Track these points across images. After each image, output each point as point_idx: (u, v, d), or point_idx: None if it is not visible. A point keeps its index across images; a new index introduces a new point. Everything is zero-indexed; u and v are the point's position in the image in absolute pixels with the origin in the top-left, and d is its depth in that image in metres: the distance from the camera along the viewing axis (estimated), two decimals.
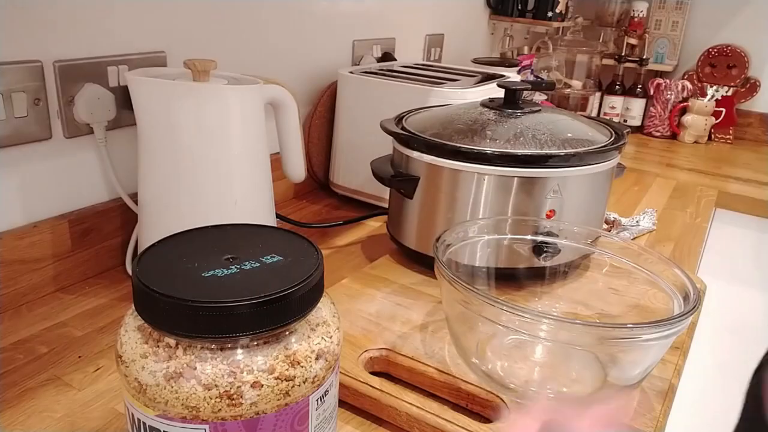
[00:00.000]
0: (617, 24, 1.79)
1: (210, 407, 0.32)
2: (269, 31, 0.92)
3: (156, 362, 0.33)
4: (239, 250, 0.37)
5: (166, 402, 0.32)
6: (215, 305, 0.32)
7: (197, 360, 0.32)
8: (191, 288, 0.33)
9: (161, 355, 0.33)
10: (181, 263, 0.36)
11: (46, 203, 0.68)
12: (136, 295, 0.34)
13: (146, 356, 0.33)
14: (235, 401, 0.32)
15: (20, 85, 0.62)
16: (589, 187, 0.71)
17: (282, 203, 1.00)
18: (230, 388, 0.32)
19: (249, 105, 0.65)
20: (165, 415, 0.33)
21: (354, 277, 0.72)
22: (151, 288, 0.32)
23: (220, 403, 0.32)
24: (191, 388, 0.32)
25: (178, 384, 0.32)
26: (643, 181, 1.25)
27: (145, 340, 0.34)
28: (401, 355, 0.56)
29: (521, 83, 0.78)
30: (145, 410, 0.34)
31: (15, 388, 0.54)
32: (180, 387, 0.32)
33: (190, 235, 0.40)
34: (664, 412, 0.52)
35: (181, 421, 0.33)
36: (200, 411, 0.32)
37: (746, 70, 1.67)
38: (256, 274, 0.35)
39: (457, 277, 0.49)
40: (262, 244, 0.39)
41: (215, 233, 0.40)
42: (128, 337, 0.34)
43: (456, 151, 0.68)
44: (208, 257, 0.36)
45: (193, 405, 0.32)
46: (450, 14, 1.47)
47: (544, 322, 0.46)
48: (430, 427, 0.49)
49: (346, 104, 0.99)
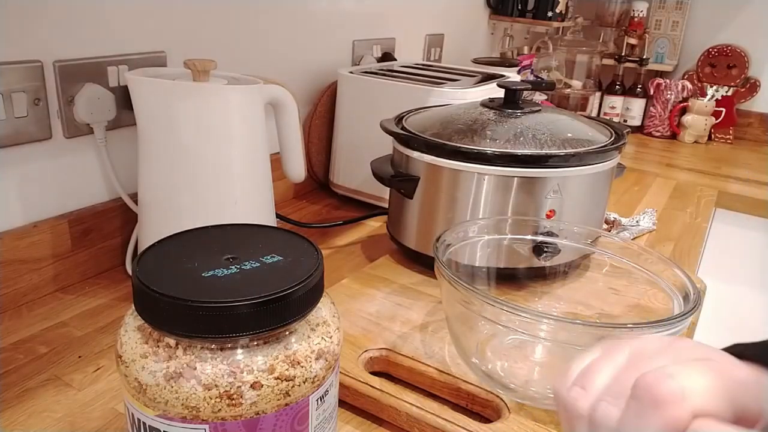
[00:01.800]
0: (617, 24, 1.79)
1: (210, 407, 0.32)
2: (269, 31, 0.92)
3: (156, 362, 0.33)
4: (239, 250, 0.37)
5: (166, 402, 0.32)
6: (215, 305, 0.32)
7: (197, 360, 0.32)
8: (191, 288, 0.33)
9: (161, 355, 0.33)
10: (181, 263, 0.36)
11: (46, 203, 0.68)
12: (136, 295, 0.34)
13: (146, 356, 0.33)
14: (235, 401, 0.32)
15: (20, 85, 0.62)
16: (589, 187, 0.71)
17: (282, 203, 1.00)
18: (230, 388, 0.32)
19: (249, 105, 0.65)
20: (165, 415, 0.33)
21: (354, 277, 0.72)
22: (151, 288, 0.32)
23: (220, 403, 0.32)
24: (191, 388, 0.32)
25: (178, 384, 0.32)
26: (643, 181, 1.25)
27: (145, 340, 0.34)
28: (401, 355, 0.56)
29: (521, 83, 0.78)
30: (145, 410, 0.34)
31: (15, 388, 0.54)
32: (180, 387, 0.32)
33: (190, 235, 0.40)
34: None
35: (181, 421, 0.33)
36: (200, 411, 0.32)
37: (746, 70, 1.67)
38: (256, 274, 0.35)
39: (457, 277, 0.49)
40: (262, 244, 0.39)
41: (215, 233, 0.40)
42: (128, 337, 0.34)
43: (456, 151, 0.68)
44: (208, 257, 0.36)
45: (193, 405, 0.32)
46: (450, 14, 1.47)
47: (544, 322, 0.46)
48: (430, 427, 0.49)
49: (346, 104, 0.99)
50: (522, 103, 0.75)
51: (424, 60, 1.40)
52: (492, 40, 1.71)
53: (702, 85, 1.71)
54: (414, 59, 1.31)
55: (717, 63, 1.70)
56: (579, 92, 1.66)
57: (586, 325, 0.47)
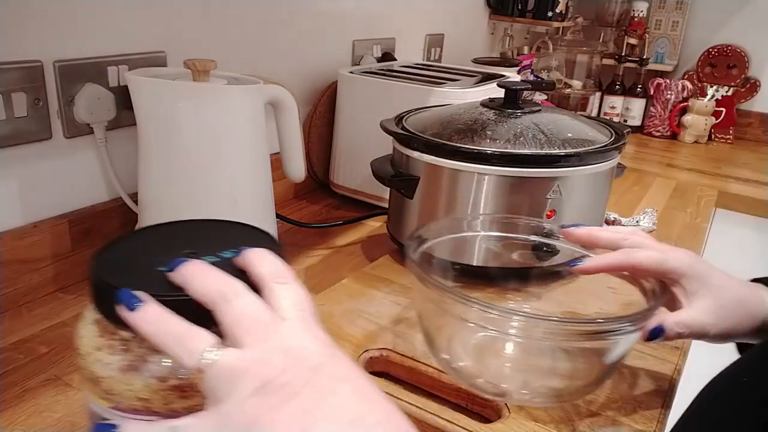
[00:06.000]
0: (617, 24, 1.79)
1: (161, 399, 0.32)
2: (269, 31, 0.92)
3: (110, 354, 0.33)
4: (200, 245, 0.37)
5: (119, 394, 0.33)
6: (162, 298, 0.32)
7: (150, 353, 0.33)
8: (144, 281, 0.33)
9: (115, 347, 0.33)
10: (140, 258, 0.36)
11: (46, 203, 0.68)
12: (92, 287, 0.34)
13: (101, 349, 0.33)
14: (187, 394, 0.32)
15: (20, 85, 0.62)
16: (589, 187, 0.71)
17: (282, 203, 1.00)
18: (182, 381, 0.32)
19: (249, 105, 0.65)
20: (118, 407, 0.33)
21: (354, 277, 0.72)
22: (104, 280, 0.33)
23: (171, 395, 0.32)
24: (143, 381, 0.32)
25: (131, 376, 0.32)
26: (643, 181, 1.25)
27: (101, 333, 0.34)
28: (401, 355, 0.57)
29: (521, 83, 0.78)
30: (100, 402, 0.34)
31: (15, 388, 0.54)
32: (132, 379, 0.32)
33: (154, 230, 0.40)
34: (664, 412, 0.52)
35: (134, 413, 0.33)
36: (152, 403, 0.33)
37: (746, 70, 1.67)
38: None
39: (428, 274, 0.49)
40: (224, 239, 0.39)
41: (180, 228, 0.41)
42: (86, 331, 0.35)
43: (456, 150, 0.68)
44: (168, 252, 0.36)
45: (145, 397, 0.32)
46: (450, 14, 1.47)
47: (514, 319, 0.46)
48: (430, 427, 0.49)
49: (346, 104, 0.99)
50: (522, 103, 0.75)
51: (424, 60, 1.40)
52: (492, 40, 1.71)
53: (702, 85, 1.71)
54: (414, 59, 1.31)
55: (717, 63, 1.70)
56: (579, 92, 1.66)
57: (554, 321, 0.48)
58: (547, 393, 0.52)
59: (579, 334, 0.47)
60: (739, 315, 0.47)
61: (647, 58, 1.71)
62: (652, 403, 0.53)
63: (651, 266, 0.49)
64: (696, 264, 0.49)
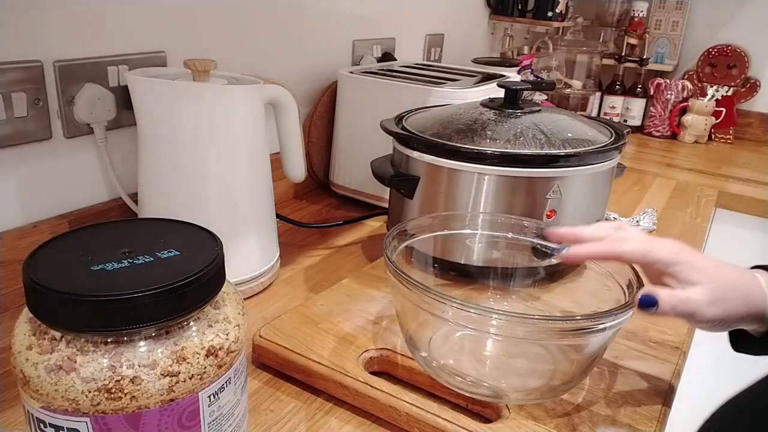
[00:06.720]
0: (617, 24, 1.79)
1: (89, 400, 0.32)
2: (269, 31, 0.92)
3: (39, 354, 0.33)
4: (137, 244, 0.37)
5: (48, 394, 0.33)
6: (89, 299, 0.32)
7: (78, 353, 0.33)
8: (76, 281, 0.33)
9: (45, 347, 0.33)
10: (75, 257, 0.36)
11: (46, 203, 0.68)
12: (24, 287, 0.34)
13: (31, 348, 0.33)
14: (114, 395, 0.32)
15: (20, 85, 0.62)
16: (589, 187, 0.71)
17: (282, 203, 1.00)
18: (108, 382, 0.32)
19: (249, 105, 0.65)
20: (48, 407, 0.33)
21: (354, 277, 0.72)
22: (34, 280, 0.33)
23: (99, 396, 0.32)
24: (69, 381, 0.32)
25: (58, 376, 0.32)
26: (643, 181, 1.25)
27: (33, 332, 0.34)
28: (401, 355, 0.56)
29: (521, 83, 0.78)
30: (31, 402, 0.34)
31: (15, 388, 0.53)
32: (59, 379, 0.32)
33: (93, 230, 0.40)
34: (664, 412, 0.52)
35: (63, 413, 0.33)
36: (80, 404, 0.32)
37: (746, 70, 1.67)
38: (146, 269, 0.35)
39: (404, 274, 0.49)
40: (164, 238, 0.38)
41: (119, 228, 0.40)
42: (19, 329, 0.35)
43: (456, 151, 0.68)
44: (104, 252, 0.36)
45: (73, 398, 0.32)
46: (450, 14, 1.47)
47: (493, 318, 0.47)
48: (430, 427, 0.49)
49: (346, 104, 0.99)
50: (522, 103, 0.75)
51: (424, 60, 1.40)
52: (492, 40, 1.71)
53: (702, 85, 1.71)
54: (414, 59, 1.31)
55: (717, 63, 1.70)
56: (579, 92, 1.66)
57: (532, 319, 0.48)
58: (528, 390, 0.52)
59: (557, 331, 0.47)
60: (734, 299, 0.47)
61: (647, 58, 1.71)
62: (652, 403, 0.53)
63: (636, 256, 0.49)
64: (682, 253, 0.49)
